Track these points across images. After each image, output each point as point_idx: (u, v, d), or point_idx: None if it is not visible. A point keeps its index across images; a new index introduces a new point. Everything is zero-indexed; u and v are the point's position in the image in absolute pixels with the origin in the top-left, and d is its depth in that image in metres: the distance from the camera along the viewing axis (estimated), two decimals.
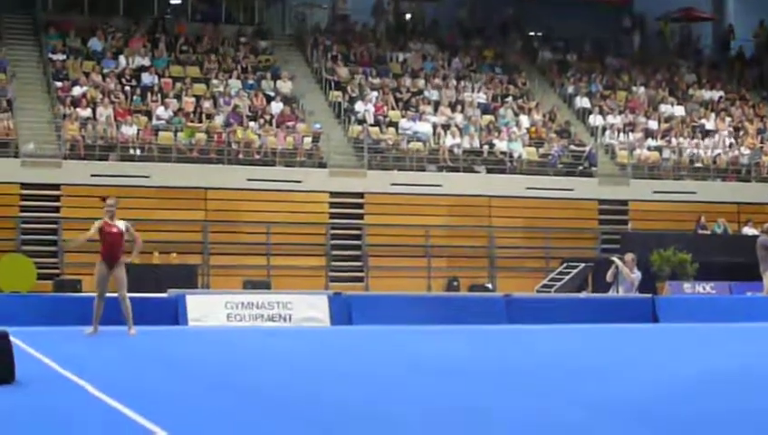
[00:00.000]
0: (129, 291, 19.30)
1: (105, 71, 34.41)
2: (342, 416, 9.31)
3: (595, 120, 38.30)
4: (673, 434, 8.61)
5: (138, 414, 8.88)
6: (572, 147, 36.25)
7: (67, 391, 10.80)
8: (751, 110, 41.17)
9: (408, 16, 43.40)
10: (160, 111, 33.15)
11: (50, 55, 34.78)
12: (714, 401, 10.72)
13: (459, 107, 36.90)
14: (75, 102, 32.51)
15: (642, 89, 40.65)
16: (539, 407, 10.03)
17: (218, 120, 33.49)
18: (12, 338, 11.13)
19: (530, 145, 36.15)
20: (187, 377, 12.47)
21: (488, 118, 36.89)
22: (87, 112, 32.34)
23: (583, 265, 31.52)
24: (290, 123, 34.18)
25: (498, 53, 41.68)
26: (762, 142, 38.81)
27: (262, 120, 33.79)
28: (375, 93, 36.42)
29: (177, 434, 7.89)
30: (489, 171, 34.67)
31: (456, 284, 32.70)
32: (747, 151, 38.09)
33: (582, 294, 28.15)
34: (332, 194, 33.06)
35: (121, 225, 19.12)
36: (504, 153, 35.09)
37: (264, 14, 40.93)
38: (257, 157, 32.93)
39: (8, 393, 10.31)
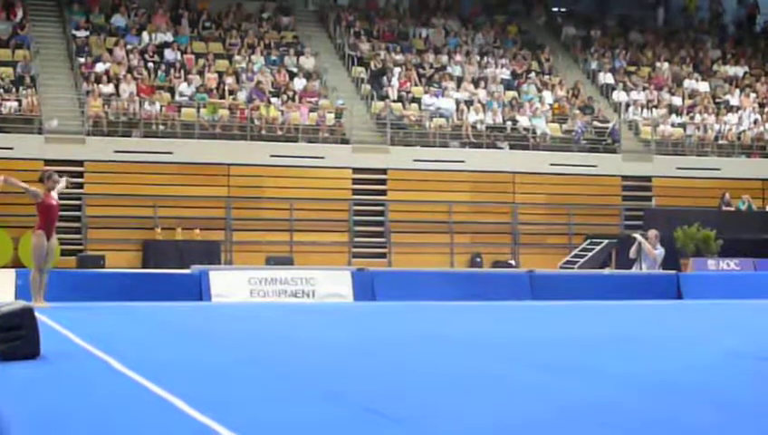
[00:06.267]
0: (154, 267, 19.33)
1: (128, 47, 34.42)
2: (365, 389, 9.30)
3: (619, 96, 38.15)
4: (703, 411, 8.56)
5: (161, 388, 8.88)
6: (596, 123, 36.13)
7: (92, 366, 10.81)
8: None
9: None
10: (183, 87, 33.17)
11: (73, 32, 34.83)
12: (739, 378, 10.67)
13: (482, 83, 36.80)
14: (98, 79, 32.55)
15: (666, 64, 40.45)
16: (563, 383, 10.00)
17: (241, 96, 33.50)
18: (36, 313, 11.14)
19: (553, 121, 36.06)
20: (212, 352, 12.47)
21: (511, 94, 36.78)
22: (110, 89, 32.39)
23: (606, 241, 31.47)
24: (312, 99, 34.15)
25: (522, 29, 41.52)
26: None
27: (285, 97, 33.76)
28: (398, 69, 36.33)
29: (201, 407, 7.89)
30: (512, 147, 34.60)
31: (479, 260, 32.67)
32: None
33: (606, 271, 28.09)
34: (355, 170, 33.05)
35: (56, 196, 19.08)
36: (527, 129, 35.00)
37: None
38: (280, 133, 32.92)
39: (34, 368, 10.33)
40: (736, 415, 8.37)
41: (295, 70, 35.45)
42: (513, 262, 32.78)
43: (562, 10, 44.25)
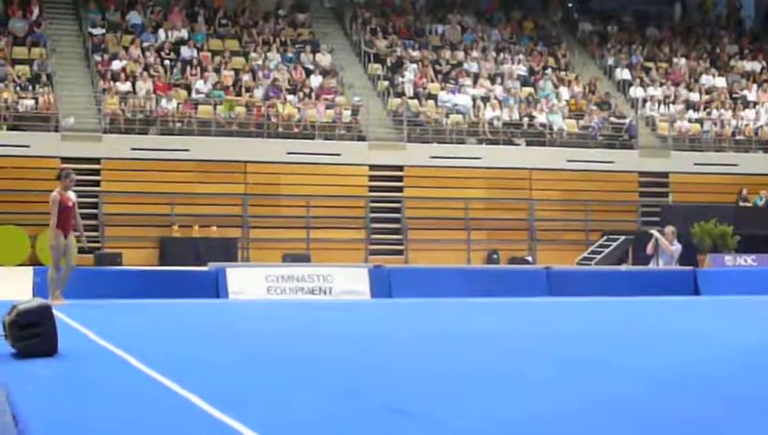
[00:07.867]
0: (171, 264, 19.28)
1: (144, 45, 34.46)
2: (383, 386, 9.28)
3: (635, 91, 38.04)
4: (715, 406, 8.53)
5: (179, 385, 8.89)
6: (613, 119, 36.04)
7: (110, 363, 10.83)
8: None
9: None
10: (200, 84, 33.19)
11: (89, 29, 34.87)
12: (753, 373, 10.64)
13: (499, 79, 36.73)
14: (115, 77, 32.59)
15: (683, 60, 40.33)
16: (580, 379, 9.99)
17: (258, 93, 33.51)
18: (54, 311, 11.16)
19: (570, 117, 35.99)
20: (229, 349, 12.48)
21: (528, 90, 36.72)
22: (126, 86, 32.43)
23: (623, 237, 31.41)
24: (329, 96, 34.14)
25: (538, 25, 41.45)
26: None
27: (301, 94, 33.76)
28: (414, 66, 36.29)
29: (218, 404, 7.89)
30: (529, 144, 34.54)
31: (495, 256, 32.63)
32: None
33: (623, 267, 28.01)
34: (372, 167, 33.02)
35: (73, 196, 19.04)
36: (543, 125, 34.93)
37: None
38: (296, 130, 32.92)
39: (51, 365, 10.34)
40: (749, 411, 8.35)
41: (311, 67, 35.45)
42: (529, 258, 32.73)
43: (579, 5, 44.15)
